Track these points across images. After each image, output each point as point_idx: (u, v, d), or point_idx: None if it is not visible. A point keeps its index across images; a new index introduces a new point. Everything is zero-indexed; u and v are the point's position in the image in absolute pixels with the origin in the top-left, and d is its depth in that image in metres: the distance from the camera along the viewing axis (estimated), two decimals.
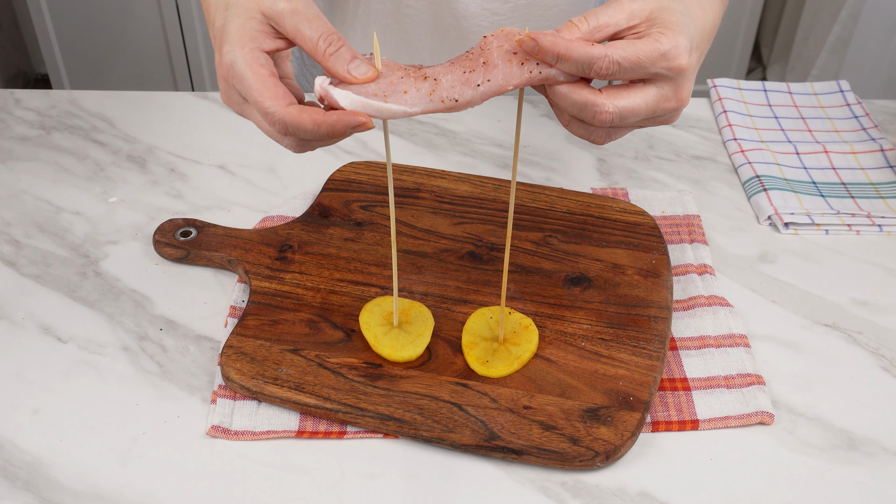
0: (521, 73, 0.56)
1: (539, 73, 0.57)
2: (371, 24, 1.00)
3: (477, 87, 0.56)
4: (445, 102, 0.56)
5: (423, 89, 0.56)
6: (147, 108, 1.04)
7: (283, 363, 0.70)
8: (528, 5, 0.97)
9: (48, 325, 0.77)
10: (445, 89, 0.56)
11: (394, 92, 0.56)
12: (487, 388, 0.69)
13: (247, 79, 0.56)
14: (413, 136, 1.00)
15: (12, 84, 2.53)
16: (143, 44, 2.31)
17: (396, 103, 0.55)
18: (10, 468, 0.65)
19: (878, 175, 0.94)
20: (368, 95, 0.56)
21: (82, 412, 0.69)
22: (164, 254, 0.83)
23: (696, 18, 0.61)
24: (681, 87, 0.59)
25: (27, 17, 2.53)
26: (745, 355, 0.73)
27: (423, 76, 0.57)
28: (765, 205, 0.89)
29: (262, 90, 0.56)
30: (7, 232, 0.86)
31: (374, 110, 0.55)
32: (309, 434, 0.68)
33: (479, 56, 0.57)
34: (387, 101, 0.55)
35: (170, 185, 0.93)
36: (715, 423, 0.68)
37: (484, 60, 0.57)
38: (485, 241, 0.82)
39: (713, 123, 1.04)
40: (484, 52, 0.57)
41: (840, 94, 1.07)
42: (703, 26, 0.62)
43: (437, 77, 0.57)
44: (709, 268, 0.81)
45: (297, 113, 0.56)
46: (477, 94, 0.56)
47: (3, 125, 1.01)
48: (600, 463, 0.64)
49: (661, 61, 0.57)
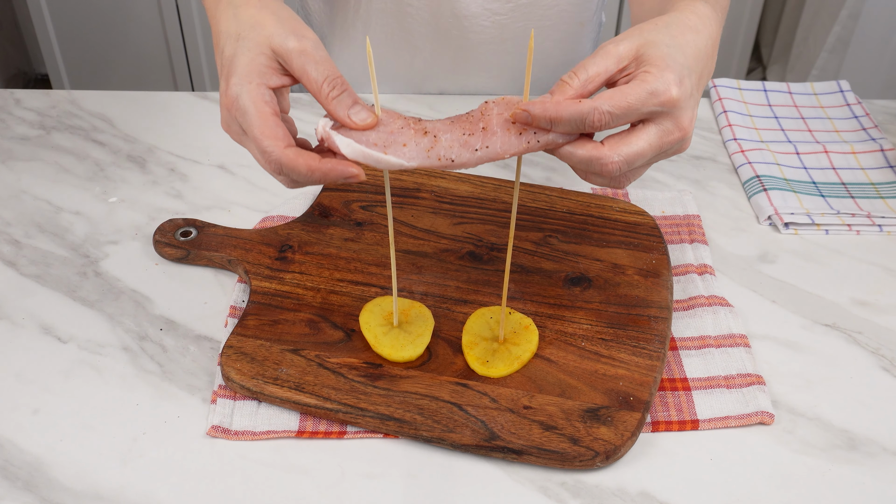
0: (519, 142, 0.58)
1: (537, 141, 0.58)
2: (372, 23, 1.00)
3: (475, 151, 0.57)
4: (442, 161, 0.58)
5: (422, 144, 0.58)
6: (147, 108, 1.04)
7: (283, 363, 0.70)
8: (530, 4, 0.97)
9: (48, 325, 0.77)
10: (444, 148, 0.57)
11: (393, 143, 0.57)
12: (487, 388, 0.69)
13: (250, 115, 0.57)
14: None
15: (12, 84, 2.53)
16: (143, 44, 2.31)
17: (395, 156, 0.57)
18: (10, 468, 0.65)
19: (878, 175, 0.94)
20: (369, 145, 0.57)
21: (82, 412, 0.69)
22: (164, 254, 0.83)
23: (686, 44, 0.61)
24: (680, 118, 0.59)
25: (27, 17, 2.53)
26: (745, 355, 0.73)
27: (424, 130, 0.58)
28: (765, 205, 0.89)
29: (263, 128, 0.57)
30: (7, 232, 0.86)
31: (373, 160, 0.57)
32: (309, 434, 0.68)
33: (478, 120, 0.58)
34: (386, 153, 0.57)
35: (170, 185, 0.93)
36: (715, 423, 0.68)
37: (483, 126, 0.58)
38: (485, 241, 0.82)
39: (713, 123, 1.04)
40: (484, 116, 0.59)
41: (840, 94, 1.08)
42: (695, 49, 0.62)
43: (436, 134, 0.58)
44: (709, 268, 0.81)
45: (293, 156, 0.57)
46: (473, 158, 0.57)
47: (3, 125, 1.01)
48: (600, 463, 0.64)
49: (652, 100, 0.58)
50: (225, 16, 0.61)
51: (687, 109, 0.60)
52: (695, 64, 0.61)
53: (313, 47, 0.58)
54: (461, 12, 0.97)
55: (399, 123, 0.59)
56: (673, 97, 0.58)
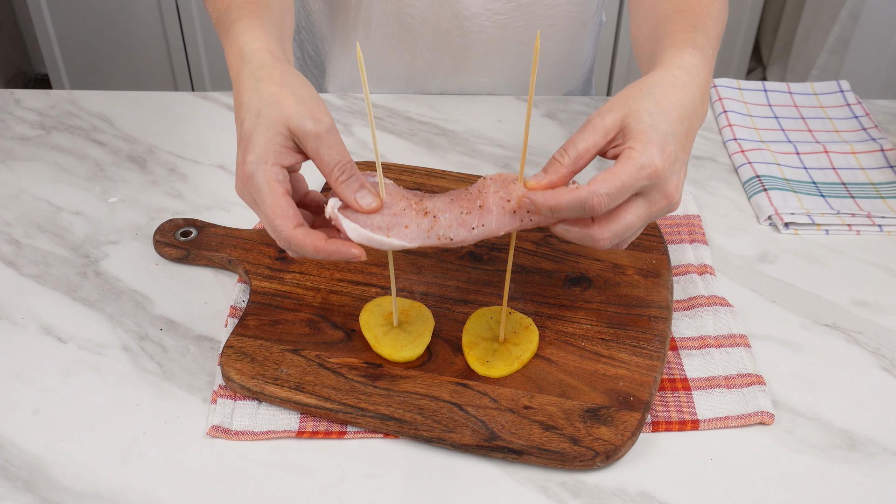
0: (514, 220, 0.61)
1: (530, 220, 0.62)
2: (373, 25, 1.00)
3: (472, 229, 0.61)
4: (441, 240, 0.61)
5: (423, 225, 0.61)
6: (147, 108, 1.04)
7: (283, 363, 0.70)
8: (531, 5, 0.97)
9: (48, 325, 0.77)
10: (443, 227, 0.61)
11: (396, 225, 0.61)
12: (488, 388, 0.69)
13: (263, 193, 0.61)
14: (413, 136, 1.00)
15: (12, 84, 2.53)
16: (143, 44, 2.31)
17: (397, 238, 0.61)
18: (10, 468, 0.65)
19: (878, 175, 0.94)
20: (373, 228, 0.61)
21: (82, 412, 0.69)
22: (164, 254, 0.83)
23: (671, 107, 0.63)
24: (666, 187, 0.62)
25: (27, 17, 2.53)
26: (745, 355, 0.73)
27: (424, 211, 0.62)
28: (765, 205, 0.89)
29: (275, 208, 0.60)
30: (7, 232, 0.86)
31: (377, 243, 0.61)
32: (309, 434, 0.68)
33: (476, 198, 0.62)
34: (389, 236, 0.61)
35: (170, 185, 0.93)
36: (715, 423, 0.68)
37: (480, 204, 0.62)
38: (485, 241, 0.82)
39: (713, 123, 1.04)
40: (481, 194, 0.62)
41: (840, 94, 1.08)
42: (680, 108, 0.64)
43: (436, 214, 0.62)
44: (709, 268, 0.81)
45: (301, 237, 0.61)
46: (471, 236, 0.61)
47: (3, 125, 1.01)
48: (600, 463, 0.64)
49: (640, 174, 0.60)
50: (247, 87, 0.64)
51: (672, 176, 0.62)
52: (678, 126, 0.63)
53: (327, 132, 0.61)
54: (462, 13, 0.97)
55: (401, 205, 0.62)
56: (658, 168, 0.60)
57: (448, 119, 1.03)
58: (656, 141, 0.60)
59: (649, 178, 0.60)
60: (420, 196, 0.63)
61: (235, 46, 0.66)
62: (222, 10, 0.72)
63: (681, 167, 0.63)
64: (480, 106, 1.05)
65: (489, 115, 1.04)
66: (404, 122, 1.02)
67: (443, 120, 1.03)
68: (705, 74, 0.67)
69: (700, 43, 0.69)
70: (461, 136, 1.00)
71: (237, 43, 0.67)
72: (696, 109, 0.66)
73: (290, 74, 0.64)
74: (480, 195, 0.62)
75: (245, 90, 0.64)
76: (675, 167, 0.62)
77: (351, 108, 1.04)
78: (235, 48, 0.66)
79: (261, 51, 0.65)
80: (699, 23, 0.71)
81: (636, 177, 0.60)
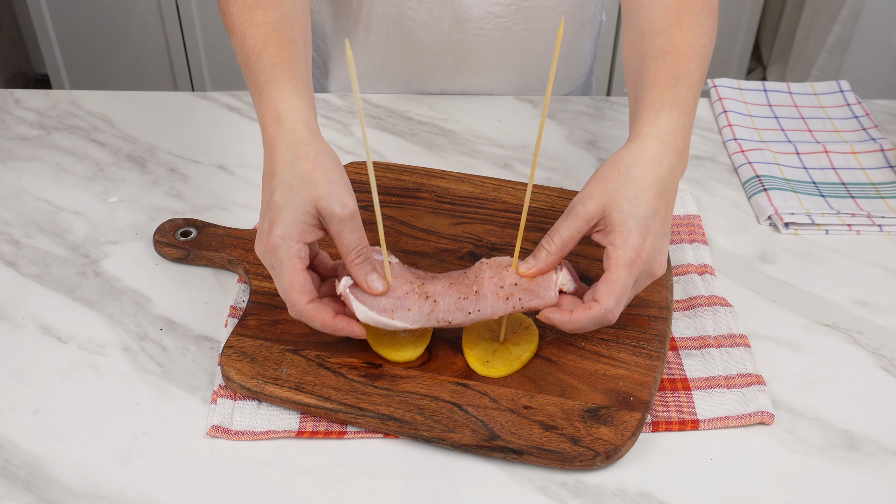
0: (507, 306, 0.67)
1: (521, 306, 0.67)
2: (373, 27, 1.00)
3: (468, 314, 0.67)
4: (440, 323, 0.67)
5: (424, 309, 0.67)
6: (147, 108, 1.04)
7: (283, 363, 0.70)
8: (531, 8, 0.97)
9: (48, 325, 0.77)
10: (442, 311, 0.67)
11: (399, 308, 0.67)
12: (487, 388, 0.69)
13: (284, 266, 0.65)
14: (413, 136, 1.00)
15: (12, 84, 2.53)
16: (143, 44, 2.31)
17: (400, 320, 0.67)
18: (10, 468, 0.65)
19: (878, 175, 0.94)
20: (379, 311, 0.66)
21: (82, 412, 0.69)
22: (164, 254, 0.83)
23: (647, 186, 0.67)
24: (651, 269, 0.66)
25: (27, 17, 2.53)
26: (745, 355, 0.73)
27: (426, 295, 0.68)
28: (765, 205, 0.89)
29: (293, 282, 0.65)
30: (7, 232, 0.86)
31: (381, 324, 0.66)
32: (309, 434, 0.68)
33: (472, 283, 0.68)
34: (392, 318, 0.66)
35: (170, 185, 0.93)
36: (715, 423, 0.68)
37: (476, 289, 0.67)
38: (485, 241, 0.82)
39: (713, 123, 1.04)
40: (478, 279, 0.68)
41: (840, 94, 1.08)
42: (658, 183, 0.67)
43: (436, 299, 0.67)
44: (709, 268, 0.81)
45: (312, 312, 0.66)
46: (467, 319, 0.67)
47: (3, 125, 1.01)
48: (600, 463, 0.64)
49: (633, 271, 0.65)
50: (283, 159, 0.67)
51: (656, 256, 0.66)
52: (658, 203, 0.67)
53: (351, 217, 0.65)
54: (463, 16, 0.97)
55: (405, 288, 0.68)
56: (644, 257, 0.65)
57: (448, 119, 1.03)
58: (636, 230, 0.65)
59: (641, 267, 0.65)
60: (422, 279, 0.69)
61: (272, 111, 0.69)
62: (253, 58, 0.73)
63: (663, 242, 0.67)
64: (480, 106, 1.05)
65: (489, 115, 1.04)
66: (404, 122, 1.02)
67: (443, 120, 1.03)
68: (682, 136, 0.71)
69: (679, 99, 0.72)
70: (461, 136, 1.00)
71: (274, 108, 0.69)
72: (675, 174, 0.69)
73: (324, 153, 0.67)
74: (476, 280, 0.68)
75: (280, 161, 0.67)
76: (657, 244, 0.66)
77: (351, 108, 1.04)
78: (272, 112, 0.69)
79: (298, 122, 0.68)
80: (682, 69, 0.74)
81: (631, 274, 0.65)
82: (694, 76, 0.74)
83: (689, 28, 0.76)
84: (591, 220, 0.67)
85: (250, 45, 0.73)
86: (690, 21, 0.77)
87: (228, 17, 0.77)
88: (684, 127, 0.71)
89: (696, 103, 0.74)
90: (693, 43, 0.76)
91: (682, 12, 0.78)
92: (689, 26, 0.77)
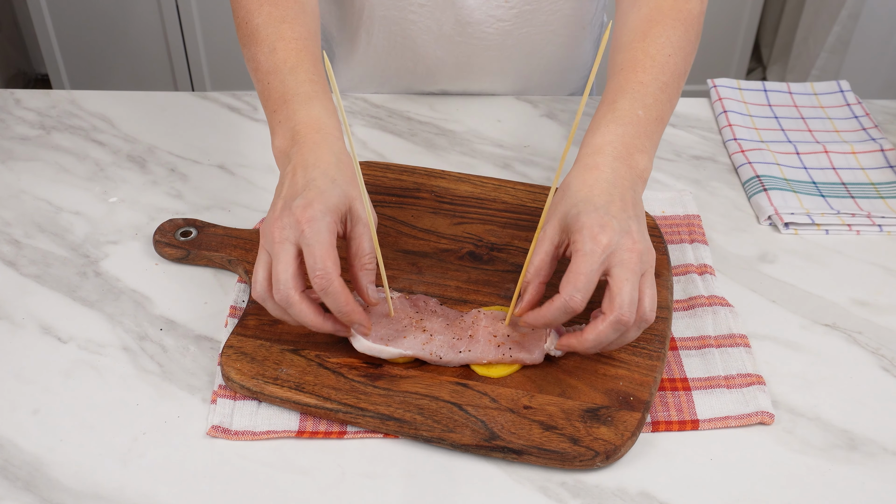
0: (497, 353, 0.70)
1: (510, 356, 0.69)
2: (375, 30, 1.00)
3: (458, 353, 0.69)
4: (432, 356, 0.69)
5: (419, 339, 0.70)
6: (147, 108, 1.04)
7: (283, 363, 0.70)
8: (532, 11, 0.97)
9: (48, 325, 0.77)
10: (436, 346, 0.70)
11: (397, 337, 0.70)
12: (487, 388, 0.69)
13: (322, 236, 0.65)
14: (413, 136, 1.00)
15: (12, 84, 2.53)
16: (143, 44, 2.31)
17: (395, 346, 0.70)
18: (10, 468, 0.65)
19: (878, 175, 0.94)
20: (377, 341, 0.70)
21: (82, 412, 0.69)
22: (164, 254, 0.83)
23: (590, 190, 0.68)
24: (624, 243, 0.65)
25: (27, 17, 2.53)
26: (745, 355, 0.73)
27: (423, 328, 0.71)
28: (765, 205, 0.89)
29: (329, 253, 0.65)
30: (7, 232, 0.86)
31: (377, 351, 0.69)
32: (309, 434, 0.68)
33: (468, 328, 0.71)
34: (388, 345, 0.69)
35: (170, 185, 0.93)
36: (715, 423, 0.68)
37: (471, 333, 0.71)
38: (485, 241, 0.82)
39: (713, 123, 1.04)
40: (474, 325, 0.72)
41: (840, 94, 1.08)
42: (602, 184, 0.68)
43: (433, 333, 0.71)
44: (709, 268, 0.81)
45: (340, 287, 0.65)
46: (457, 358, 0.69)
47: (3, 125, 1.01)
48: (600, 463, 0.64)
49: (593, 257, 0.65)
50: (326, 158, 0.69)
51: (623, 233, 0.66)
52: (608, 196, 0.68)
53: (373, 226, 0.69)
54: (465, 19, 0.97)
55: (405, 322, 0.72)
56: (605, 242, 0.65)
57: (448, 119, 1.03)
58: (590, 223, 0.66)
59: (603, 252, 0.65)
60: (421, 314, 0.72)
61: (315, 122, 0.72)
62: (285, 69, 0.76)
63: (629, 219, 0.67)
64: (480, 106, 1.05)
65: (489, 115, 1.04)
66: (404, 122, 1.02)
67: (443, 120, 1.03)
68: (620, 143, 0.71)
69: (619, 112, 0.73)
70: (461, 136, 1.00)
71: (318, 120, 0.72)
72: (619, 173, 0.70)
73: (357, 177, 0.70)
74: (472, 326, 0.72)
75: (323, 158, 0.69)
76: (624, 223, 0.66)
77: (350, 108, 1.04)
78: (315, 123, 0.72)
79: (338, 138, 0.72)
80: (632, 82, 0.75)
81: (591, 261, 0.65)
82: (649, 86, 0.75)
83: (654, 39, 0.78)
84: (553, 240, 0.68)
85: (281, 56, 0.76)
86: (657, 32, 0.78)
87: (251, 27, 0.79)
88: (624, 136, 0.72)
89: (653, 110, 0.74)
90: (654, 54, 0.77)
91: (651, 23, 0.79)
92: (655, 37, 0.78)
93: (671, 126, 1.03)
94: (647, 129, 0.73)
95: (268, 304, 0.67)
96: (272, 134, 0.74)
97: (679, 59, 0.78)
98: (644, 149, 0.73)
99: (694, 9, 0.81)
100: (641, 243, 0.66)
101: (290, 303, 0.66)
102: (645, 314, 0.65)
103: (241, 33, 0.81)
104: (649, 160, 0.73)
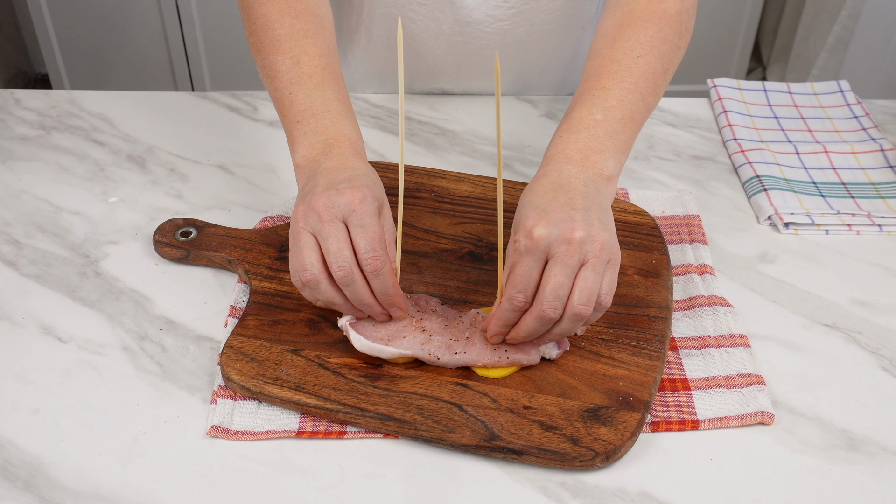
0: (493, 356, 0.70)
1: (507, 359, 0.69)
2: (375, 30, 1.01)
3: (454, 354, 0.70)
4: (430, 357, 0.70)
5: (419, 339, 0.71)
6: (147, 108, 1.04)
7: (283, 363, 0.70)
8: (531, 11, 0.97)
9: (48, 325, 0.77)
10: (434, 347, 0.70)
11: (396, 337, 0.71)
12: (487, 389, 0.69)
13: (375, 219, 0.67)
14: (413, 136, 1.00)
15: (12, 84, 2.53)
16: (143, 44, 2.31)
17: (394, 346, 0.70)
18: (10, 468, 0.65)
19: (878, 175, 0.94)
20: (376, 340, 0.70)
21: (82, 412, 0.69)
22: (164, 254, 0.83)
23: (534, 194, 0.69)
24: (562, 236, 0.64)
25: (27, 17, 2.53)
26: (745, 355, 0.73)
27: (422, 329, 0.71)
28: (765, 205, 0.89)
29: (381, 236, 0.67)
30: (7, 232, 0.86)
31: (376, 351, 0.69)
32: (309, 434, 0.68)
33: (465, 329, 0.71)
34: (387, 345, 0.70)
35: (170, 185, 0.93)
36: (715, 423, 0.68)
37: (468, 336, 0.71)
38: (485, 241, 0.82)
39: (713, 123, 1.04)
40: (471, 328, 0.72)
41: (840, 94, 1.08)
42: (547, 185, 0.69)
43: (431, 334, 0.71)
44: (709, 268, 0.81)
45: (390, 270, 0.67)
46: (453, 360, 0.70)
47: (3, 125, 1.01)
48: (600, 463, 0.64)
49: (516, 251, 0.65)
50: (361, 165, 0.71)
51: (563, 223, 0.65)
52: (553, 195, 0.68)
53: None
54: (464, 19, 0.97)
55: (405, 322, 0.72)
56: (538, 238, 0.64)
57: (448, 119, 1.03)
58: (525, 222, 0.66)
59: (538, 248, 0.64)
60: (422, 313, 0.73)
61: (348, 139, 0.74)
62: (311, 84, 0.77)
63: (573, 210, 0.66)
64: (480, 106, 1.05)
65: (489, 115, 1.04)
66: (404, 121, 1.02)
67: (443, 120, 1.03)
68: (573, 149, 0.72)
69: (575, 120, 0.74)
70: (461, 136, 1.00)
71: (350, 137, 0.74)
72: (568, 174, 0.70)
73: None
74: (470, 328, 0.72)
75: (357, 165, 0.71)
76: (563, 215, 0.65)
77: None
78: (347, 140, 0.74)
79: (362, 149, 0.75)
80: (592, 89, 0.76)
81: (526, 259, 0.65)
82: (612, 90, 0.75)
83: (622, 43, 0.78)
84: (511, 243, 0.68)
85: (306, 70, 0.77)
86: (626, 35, 0.78)
87: (272, 36, 0.80)
88: (578, 141, 0.72)
89: (617, 112, 0.74)
90: (620, 58, 0.77)
91: (621, 28, 0.79)
92: (623, 41, 0.78)
93: (671, 126, 1.03)
94: (608, 130, 0.73)
95: (321, 287, 0.67)
96: (294, 143, 0.74)
97: (653, 58, 0.77)
98: (603, 149, 0.72)
99: (670, 8, 0.80)
100: (582, 231, 0.65)
101: (353, 279, 0.66)
102: (574, 307, 0.64)
103: (256, 39, 0.81)
104: (611, 158, 0.72)
